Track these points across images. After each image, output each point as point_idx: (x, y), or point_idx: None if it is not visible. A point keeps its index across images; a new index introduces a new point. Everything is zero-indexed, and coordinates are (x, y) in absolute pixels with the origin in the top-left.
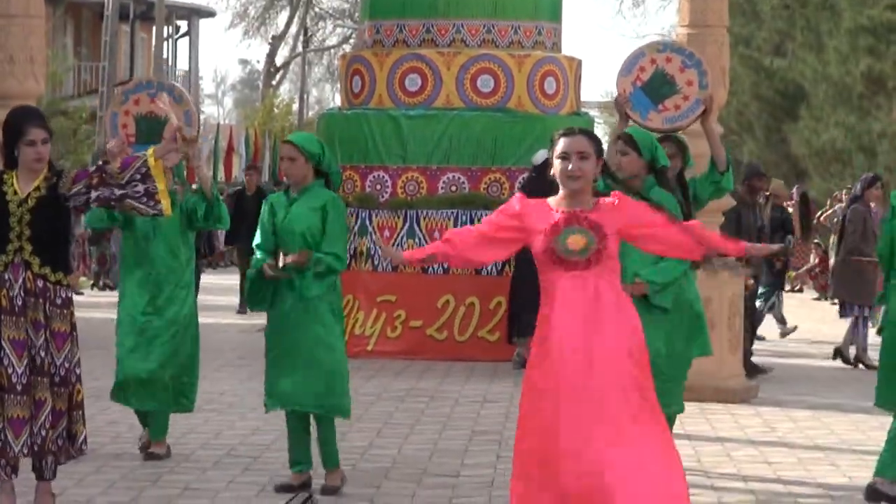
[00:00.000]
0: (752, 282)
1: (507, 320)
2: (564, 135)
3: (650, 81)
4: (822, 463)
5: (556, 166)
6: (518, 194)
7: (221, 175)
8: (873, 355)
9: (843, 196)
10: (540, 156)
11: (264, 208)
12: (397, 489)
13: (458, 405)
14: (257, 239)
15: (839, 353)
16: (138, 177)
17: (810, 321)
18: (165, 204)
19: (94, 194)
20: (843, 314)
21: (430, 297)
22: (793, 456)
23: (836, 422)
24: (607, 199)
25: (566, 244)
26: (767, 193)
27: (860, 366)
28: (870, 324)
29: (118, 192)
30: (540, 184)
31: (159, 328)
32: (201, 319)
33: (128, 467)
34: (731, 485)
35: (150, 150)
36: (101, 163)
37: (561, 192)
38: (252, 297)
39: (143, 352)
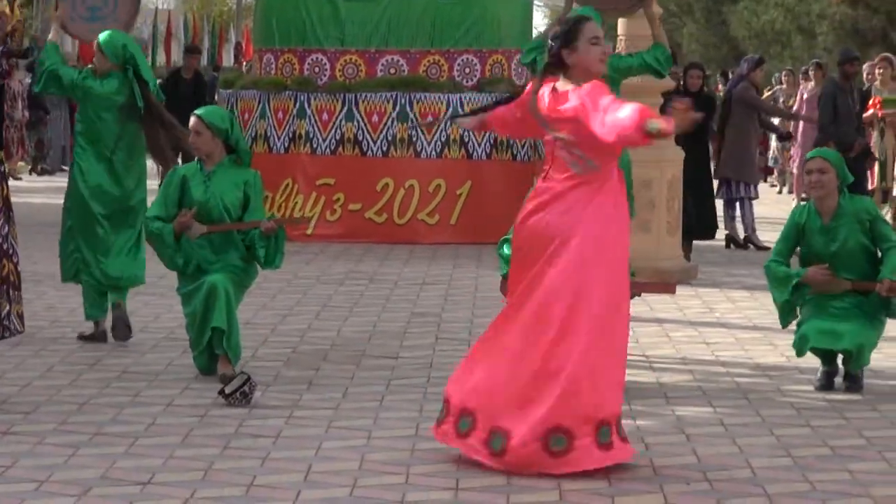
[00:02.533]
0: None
1: None
2: (584, 21)
3: None
4: (760, 343)
5: (587, 51)
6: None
7: (162, 60)
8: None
9: (784, 79)
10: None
11: (173, 179)
12: (336, 371)
13: (397, 287)
14: (157, 210)
15: (747, 240)
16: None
17: None
18: None
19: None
20: (726, 195)
21: (369, 180)
22: (731, 336)
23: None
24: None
25: None
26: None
27: (750, 246)
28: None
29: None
30: None
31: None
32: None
33: (66, 351)
34: (669, 366)
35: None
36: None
37: (581, 76)
38: (171, 261)
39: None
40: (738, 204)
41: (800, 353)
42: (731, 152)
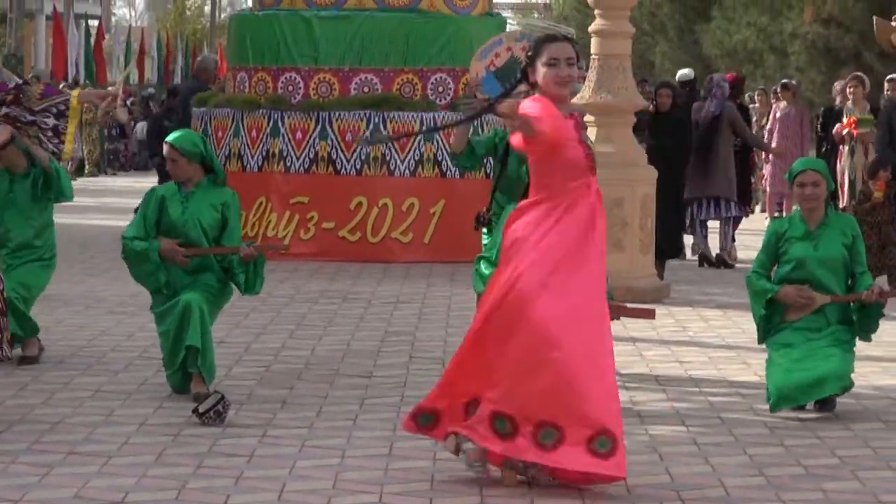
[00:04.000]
0: None
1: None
2: (549, 41)
3: (503, 67)
4: (733, 361)
5: (544, 72)
6: (538, 96)
7: (135, 78)
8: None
9: (757, 98)
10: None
11: (152, 199)
12: (310, 390)
13: (370, 306)
14: (136, 231)
15: (720, 259)
16: (54, 111)
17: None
18: (68, 147)
19: (3, 110)
20: (706, 215)
21: (342, 199)
22: (704, 355)
23: (747, 321)
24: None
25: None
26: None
27: (722, 266)
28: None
29: (29, 116)
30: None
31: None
32: (120, 223)
33: (39, 370)
34: (643, 384)
35: (76, 92)
36: (21, 82)
37: (544, 94)
38: (153, 279)
39: None
40: (708, 224)
41: (776, 410)
42: (722, 172)
